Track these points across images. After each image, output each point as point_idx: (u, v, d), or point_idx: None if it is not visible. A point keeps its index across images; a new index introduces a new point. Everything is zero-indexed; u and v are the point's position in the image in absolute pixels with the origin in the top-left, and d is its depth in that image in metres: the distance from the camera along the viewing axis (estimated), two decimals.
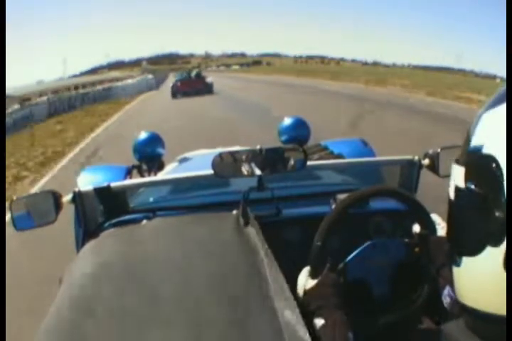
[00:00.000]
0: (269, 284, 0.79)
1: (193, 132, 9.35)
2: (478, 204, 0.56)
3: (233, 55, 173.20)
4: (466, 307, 0.61)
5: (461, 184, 0.59)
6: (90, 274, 0.90)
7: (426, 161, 1.50)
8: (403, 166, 1.57)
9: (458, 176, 0.60)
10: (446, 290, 0.94)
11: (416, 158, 1.52)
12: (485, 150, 0.57)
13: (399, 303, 1.10)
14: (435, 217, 1.17)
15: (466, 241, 0.59)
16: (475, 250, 0.57)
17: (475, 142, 0.59)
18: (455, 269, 0.62)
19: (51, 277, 1.39)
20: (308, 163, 1.38)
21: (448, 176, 1.35)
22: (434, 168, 1.48)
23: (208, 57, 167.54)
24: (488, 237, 0.55)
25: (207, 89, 21.63)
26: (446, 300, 0.94)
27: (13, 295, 2.54)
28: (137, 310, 0.76)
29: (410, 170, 1.55)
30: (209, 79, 23.09)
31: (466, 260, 0.59)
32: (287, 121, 2.92)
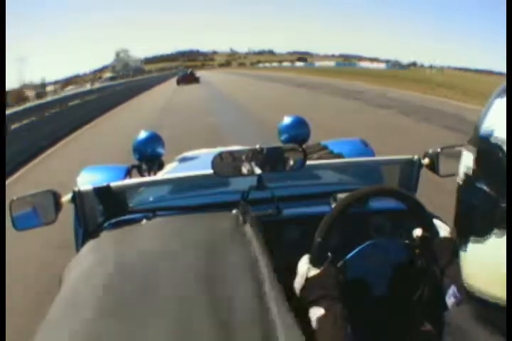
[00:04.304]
0: (263, 285, 0.79)
1: None
2: (486, 190, 0.56)
3: (261, 53, 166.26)
4: (472, 293, 0.61)
5: (471, 166, 0.59)
6: (90, 274, 0.90)
7: (426, 161, 1.50)
8: (403, 166, 1.57)
9: (467, 161, 0.60)
10: (452, 290, 0.93)
11: (416, 157, 1.52)
12: (495, 136, 0.56)
13: (398, 303, 1.10)
14: (436, 221, 1.17)
15: (474, 226, 0.59)
16: (482, 235, 0.57)
17: (485, 127, 0.58)
18: (462, 255, 0.62)
19: None
20: (308, 162, 1.38)
21: (448, 176, 1.36)
22: (434, 167, 1.48)
23: (233, 54, 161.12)
24: (495, 223, 0.55)
25: (196, 80, 36.66)
26: (450, 300, 0.93)
27: None
28: (135, 309, 0.76)
29: (410, 170, 1.55)
30: (197, 75, 39.28)
31: (473, 245, 0.59)
32: (287, 120, 2.91)
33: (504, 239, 0.55)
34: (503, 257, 0.55)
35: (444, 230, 1.13)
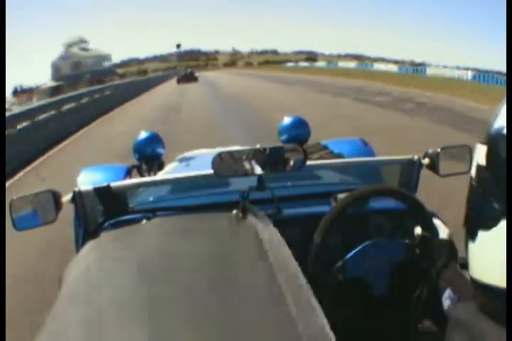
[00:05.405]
0: (276, 280, 0.78)
1: None
2: (496, 181, 0.59)
3: (264, 53, 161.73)
4: (480, 283, 0.63)
5: (482, 162, 0.62)
6: (90, 273, 0.90)
7: (426, 161, 1.50)
8: (403, 166, 1.57)
9: (480, 154, 0.63)
10: (447, 293, 0.93)
11: (416, 157, 1.53)
12: (505, 131, 0.59)
13: (398, 303, 1.10)
14: (436, 221, 1.18)
15: (483, 215, 0.62)
16: (490, 224, 0.59)
17: (498, 123, 0.62)
18: (470, 246, 0.64)
19: None
20: (308, 162, 1.38)
21: (448, 176, 1.36)
22: (434, 167, 1.48)
23: (235, 54, 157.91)
24: (503, 212, 0.57)
25: (195, 79, 40.58)
26: (446, 303, 0.93)
27: None
28: (135, 308, 0.76)
29: (410, 170, 1.55)
30: (196, 74, 43.96)
31: (481, 234, 0.62)
32: (287, 120, 2.91)
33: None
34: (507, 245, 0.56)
35: (442, 232, 1.14)
